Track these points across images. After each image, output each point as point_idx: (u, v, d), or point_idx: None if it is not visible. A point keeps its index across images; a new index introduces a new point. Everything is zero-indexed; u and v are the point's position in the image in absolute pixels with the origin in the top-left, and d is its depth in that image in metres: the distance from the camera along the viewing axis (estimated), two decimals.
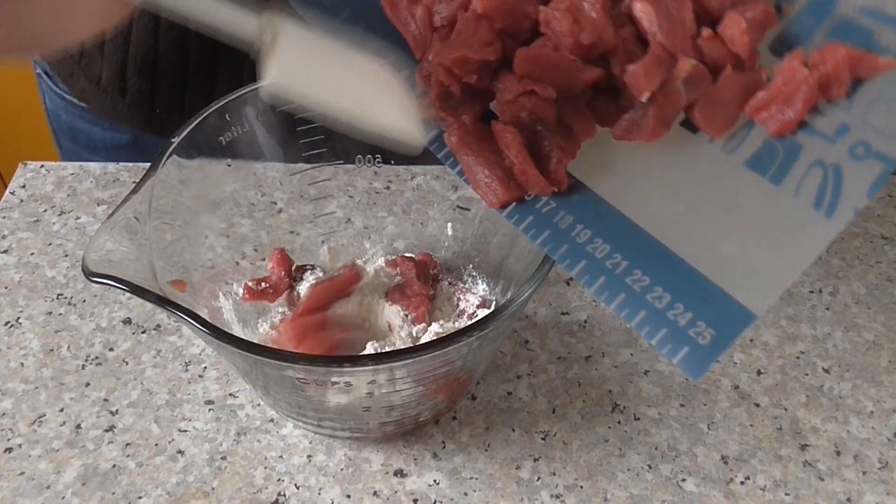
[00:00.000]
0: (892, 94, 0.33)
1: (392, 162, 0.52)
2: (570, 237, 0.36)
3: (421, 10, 0.39)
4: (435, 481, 0.45)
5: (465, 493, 0.44)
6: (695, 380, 0.33)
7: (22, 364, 0.50)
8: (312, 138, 0.49)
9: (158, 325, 0.53)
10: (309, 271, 0.51)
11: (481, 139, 0.38)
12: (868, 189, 0.32)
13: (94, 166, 0.63)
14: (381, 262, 0.53)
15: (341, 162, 0.51)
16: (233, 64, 0.63)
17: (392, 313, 0.48)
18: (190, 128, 0.45)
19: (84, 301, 0.54)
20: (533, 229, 0.36)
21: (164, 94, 0.65)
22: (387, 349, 0.45)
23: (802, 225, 0.33)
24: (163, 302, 0.37)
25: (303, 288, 0.50)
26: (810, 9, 0.36)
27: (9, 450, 0.46)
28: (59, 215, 0.60)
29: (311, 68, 0.35)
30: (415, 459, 0.46)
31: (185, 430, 0.47)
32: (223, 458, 0.46)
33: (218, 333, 0.36)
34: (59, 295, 0.54)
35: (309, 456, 0.46)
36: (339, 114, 0.35)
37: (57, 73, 0.68)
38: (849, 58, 0.34)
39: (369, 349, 0.45)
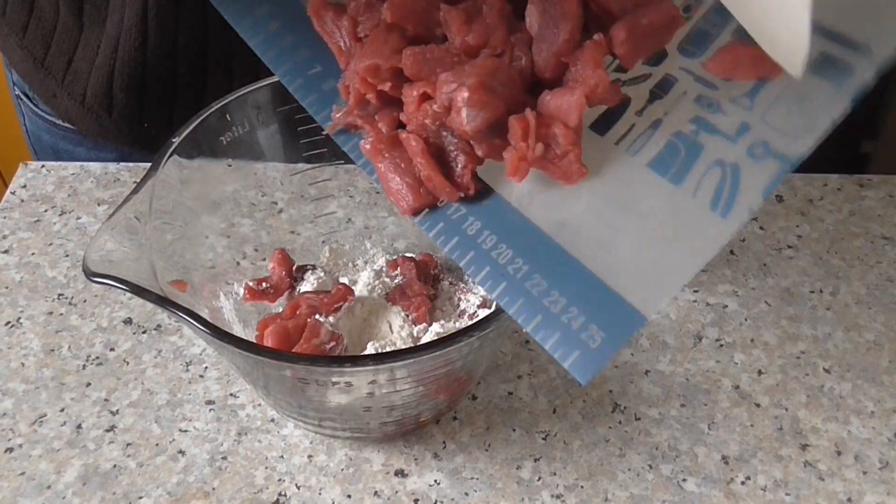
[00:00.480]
0: (793, 91, 0.33)
1: None
2: (476, 243, 0.36)
3: (346, 21, 0.40)
4: (436, 481, 0.45)
5: (466, 493, 0.44)
6: (583, 384, 0.33)
7: (22, 364, 0.50)
8: (313, 138, 0.49)
9: (159, 326, 0.53)
10: (310, 271, 0.51)
11: (394, 147, 0.38)
12: (764, 189, 0.32)
13: (95, 166, 0.63)
14: (381, 262, 0.53)
15: (342, 162, 0.51)
16: (222, 75, 0.62)
17: (393, 313, 0.48)
18: (191, 128, 0.45)
19: (85, 301, 0.54)
20: (443, 236, 0.37)
21: (152, 108, 0.64)
22: (387, 349, 0.45)
23: (698, 225, 0.33)
24: (163, 302, 0.37)
25: (303, 288, 0.50)
26: (718, 9, 0.36)
27: (9, 450, 0.46)
28: (60, 215, 0.60)
29: None
30: (415, 459, 0.46)
31: (186, 430, 0.47)
32: (224, 458, 0.46)
33: (218, 333, 0.36)
34: (59, 295, 0.54)
35: (310, 456, 0.46)
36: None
37: (38, 94, 0.67)
38: (751, 57, 0.34)
39: (370, 349, 0.45)
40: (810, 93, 0.33)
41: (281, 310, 0.50)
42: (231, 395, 0.49)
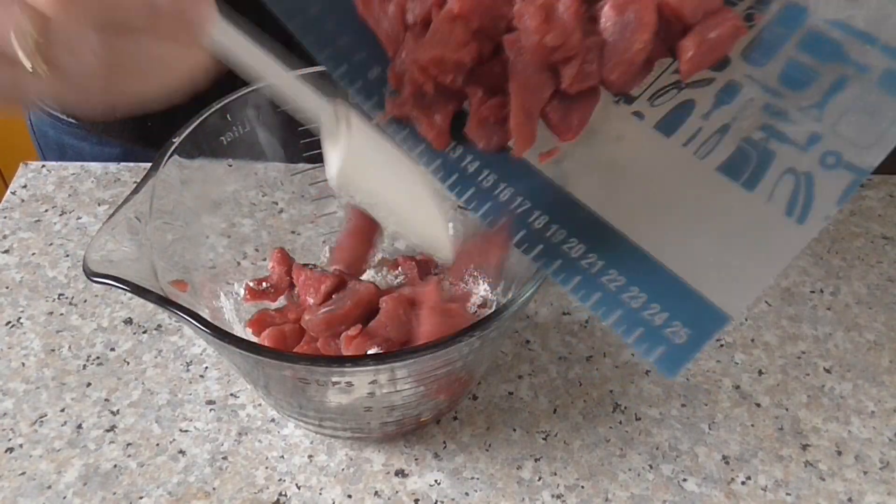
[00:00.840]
0: (862, 104, 0.34)
1: None
2: (559, 249, 0.36)
3: (393, 6, 0.39)
4: (436, 481, 0.45)
5: (467, 493, 0.44)
6: (671, 378, 0.34)
7: (23, 364, 0.50)
8: (313, 138, 0.49)
9: (159, 325, 0.53)
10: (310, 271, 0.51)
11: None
12: (838, 198, 0.33)
13: (96, 166, 0.63)
14: (381, 261, 0.53)
15: None
16: (226, 69, 0.62)
17: None
18: (191, 128, 0.45)
19: (85, 301, 0.54)
20: (534, 252, 0.37)
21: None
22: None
23: (775, 231, 0.33)
24: (164, 302, 0.37)
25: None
26: (781, 19, 0.37)
27: (10, 450, 0.46)
28: (61, 215, 0.60)
29: (372, 170, 0.37)
30: (416, 459, 0.46)
31: (187, 430, 0.47)
32: (224, 458, 0.46)
33: (219, 333, 0.36)
34: (60, 295, 0.54)
35: (310, 456, 0.46)
36: (383, 215, 0.37)
37: None
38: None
39: (371, 348, 0.45)
40: (879, 106, 0.33)
41: (275, 306, 0.50)
42: (231, 395, 0.49)
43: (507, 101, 0.37)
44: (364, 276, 0.51)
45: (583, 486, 0.45)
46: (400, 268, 0.51)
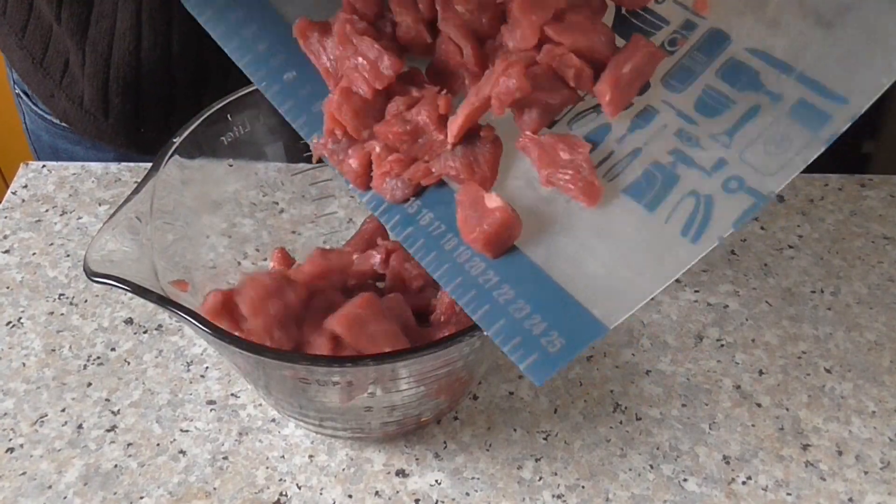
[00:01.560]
0: (771, 133, 0.35)
1: None
2: (451, 256, 0.38)
3: (331, 43, 0.41)
4: (437, 481, 0.45)
5: (467, 493, 0.44)
6: (538, 384, 0.35)
7: (24, 364, 0.50)
8: None
9: (160, 325, 0.53)
10: None
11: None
12: (735, 219, 0.34)
13: (96, 166, 0.63)
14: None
15: None
16: (220, 81, 0.62)
17: None
18: (191, 128, 0.45)
19: (86, 301, 0.54)
20: (413, 242, 0.39)
21: (149, 113, 0.64)
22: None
23: (667, 248, 0.35)
24: (164, 302, 0.37)
25: None
26: (703, 45, 0.38)
27: (10, 450, 0.46)
28: (61, 215, 0.60)
29: None
30: (416, 459, 0.46)
31: (187, 430, 0.47)
32: (225, 458, 0.46)
33: (219, 333, 0.36)
34: (60, 295, 0.54)
35: (311, 456, 0.46)
36: None
37: (37, 94, 0.67)
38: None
39: None
40: (788, 135, 0.34)
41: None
42: (232, 394, 0.49)
43: (406, 158, 0.39)
44: None
45: (583, 486, 0.45)
46: None
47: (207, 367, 0.50)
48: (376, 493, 0.44)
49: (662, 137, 0.37)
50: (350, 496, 0.44)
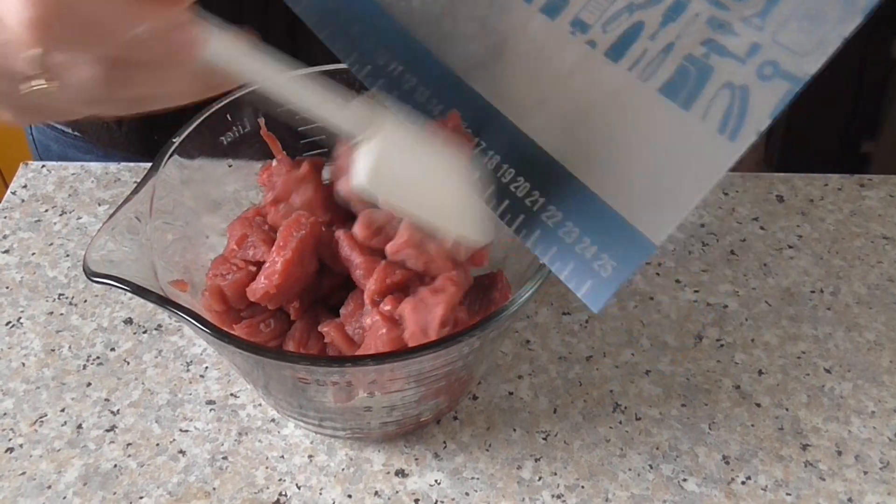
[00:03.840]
0: (804, 9, 0.33)
1: None
2: (507, 189, 0.38)
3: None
4: (436, 481, 0.45)
5: (467, 493, 0.44)
6: (595, 311, 0.34)
7: (23, 364, 0.50)
8: (313, 138, 0.49)
9: (160, 325, 0.53)
10: None
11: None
12: (771, 110, 0.33)
13: (96, 166, 0.63)
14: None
15: None
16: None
17: None
18: (191, 128, 0.45)
19: (85, 301, 0.54)
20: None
21: (163, 120, 0.63)
22: None
23: (707, 149, 0.34)
24: (164, 302, 0.37)
25: None
26: None
27: (10, 450, 0.46)
28: (61, 215, 0.60)
29: (399, 176, 0.38)
30: (416, 459, 0.46)
31: (187, 430, 0.47)
32: (224, 458, 0.46)
33: (219, 333, 0.36)
34: (60, 295, 0.54)
35: (310, 456, 0.46)
36: (413, 217, 0.38)
37: None
38: None
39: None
40: (822, 9, 0.33)
41: None
42: (232, 394, 0.49)
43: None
44: None
45: (583, 486, 0.45)
46: None
47: (207, 367, 0.50)
48: (376, 493, 0.44)
49: (694, 28, 0.35)
50: (349, 496, 0.44)
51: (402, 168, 0.38)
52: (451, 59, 0.41)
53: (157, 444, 0.46)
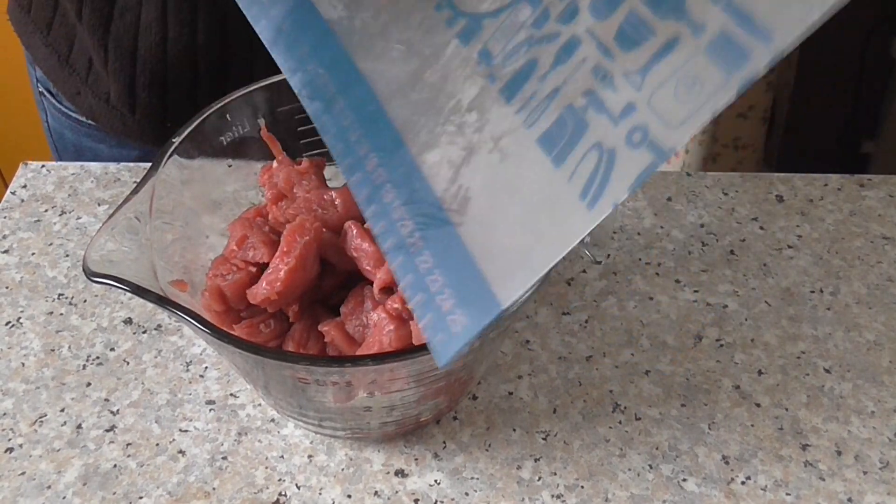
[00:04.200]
0: (684, 73, 0.31)
1: None
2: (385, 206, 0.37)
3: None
4: (436, 481, 0.45)
5: (466, 493, 0.44)
6: (440, 366, 0.34)
7: (23, 364, 0.50)
8: (314, 138, 0.49)
9: (159, 325, 0.53)
10: None
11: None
12: (631, 183, 0.31)
13: (95, 166, 0.63)
14: None
15: None
16: (243, 70, 0.62)
17: None
18: (191, 128, 0.45)
19: (85, 301, 0.54)
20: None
21: (176, 107, 0.64)
22: None
23: (566, 214, 0.32)
24: (164, 302, 0.37)
25: None
26: None
27: (10, 450, 0.46)
28: (60, 215, 0.60)
29: None
30: (416, 459, 0.46)
31: (187, 430, 0.47)
32: (224, 458, 0.46)
33: (219, 333, 0.36)
34: (59, 295, 0.54)
35: (310, 456, 0.46)
36: None
37: (62, 92, 0.67)
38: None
39: None
40: (700, 77, 0.31)
41: None
42: (231, 394, 0.49)
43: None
44: None
45: (582, 486, 0.45)
46: None
47: (206, 367, 0.50)
48: (375, 493, 0.44)
49: (580, 74, 0.33)
50: (349, 496, 0.44)
51: None
52: (377, 83, 0.39)
53: (157, 444, 0.46)
